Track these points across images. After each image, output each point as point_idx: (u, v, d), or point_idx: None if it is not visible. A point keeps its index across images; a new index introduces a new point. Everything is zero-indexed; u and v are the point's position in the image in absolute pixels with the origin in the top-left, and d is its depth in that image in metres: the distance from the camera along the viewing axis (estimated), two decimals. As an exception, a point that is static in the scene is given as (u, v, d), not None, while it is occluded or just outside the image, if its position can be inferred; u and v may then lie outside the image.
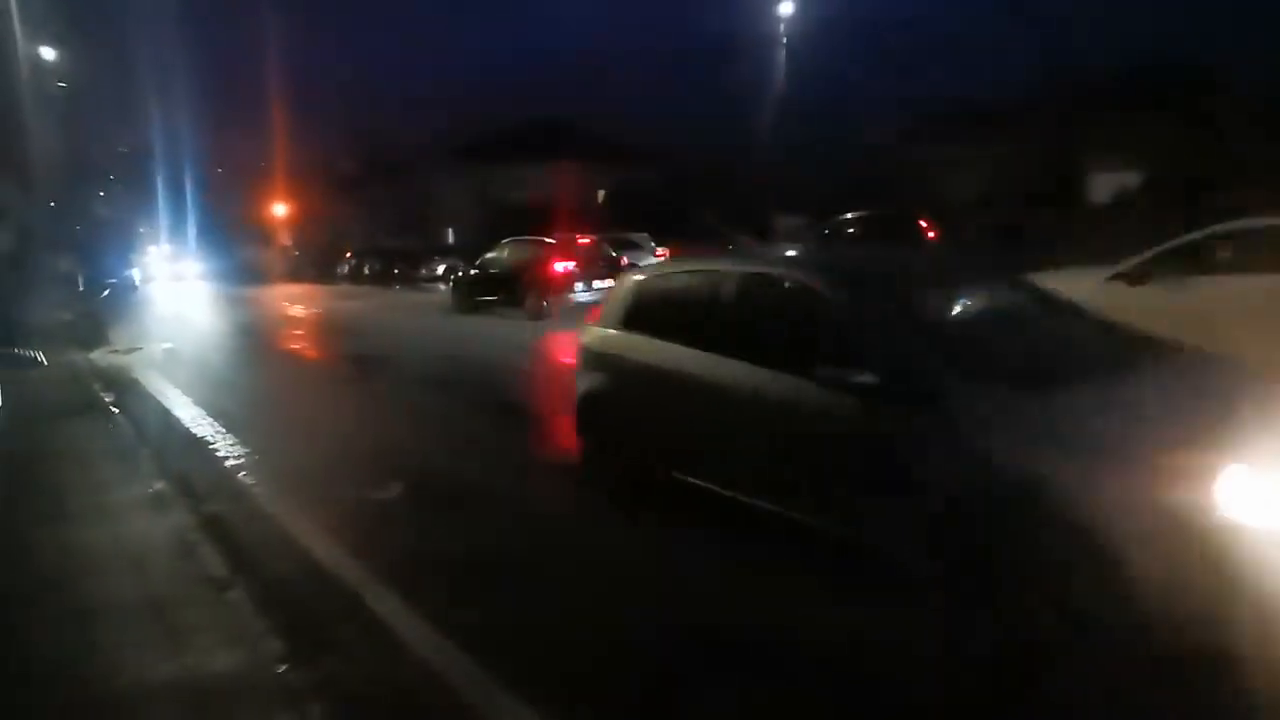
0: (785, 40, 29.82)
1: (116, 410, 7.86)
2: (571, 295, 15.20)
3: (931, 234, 22.37)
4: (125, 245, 35.87)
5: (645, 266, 6.70)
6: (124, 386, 9.43)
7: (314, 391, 9.69)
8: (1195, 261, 6.74)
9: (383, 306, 20.29)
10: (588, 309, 12.80)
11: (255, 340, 14.84)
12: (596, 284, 15.07)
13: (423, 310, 18.51)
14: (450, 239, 37.33)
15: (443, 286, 22.62)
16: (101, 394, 8.71)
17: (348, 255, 33.33)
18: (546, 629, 3.29)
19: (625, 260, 16.61)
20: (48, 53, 20.69)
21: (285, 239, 43.74)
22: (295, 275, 34.75)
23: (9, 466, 5.53)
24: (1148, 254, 7.04)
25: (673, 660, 3.05)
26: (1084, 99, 26.09)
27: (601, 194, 37.74)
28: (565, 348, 10.05)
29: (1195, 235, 6.96)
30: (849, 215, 24.11)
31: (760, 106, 30.72)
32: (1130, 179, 24.99)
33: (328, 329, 16.60)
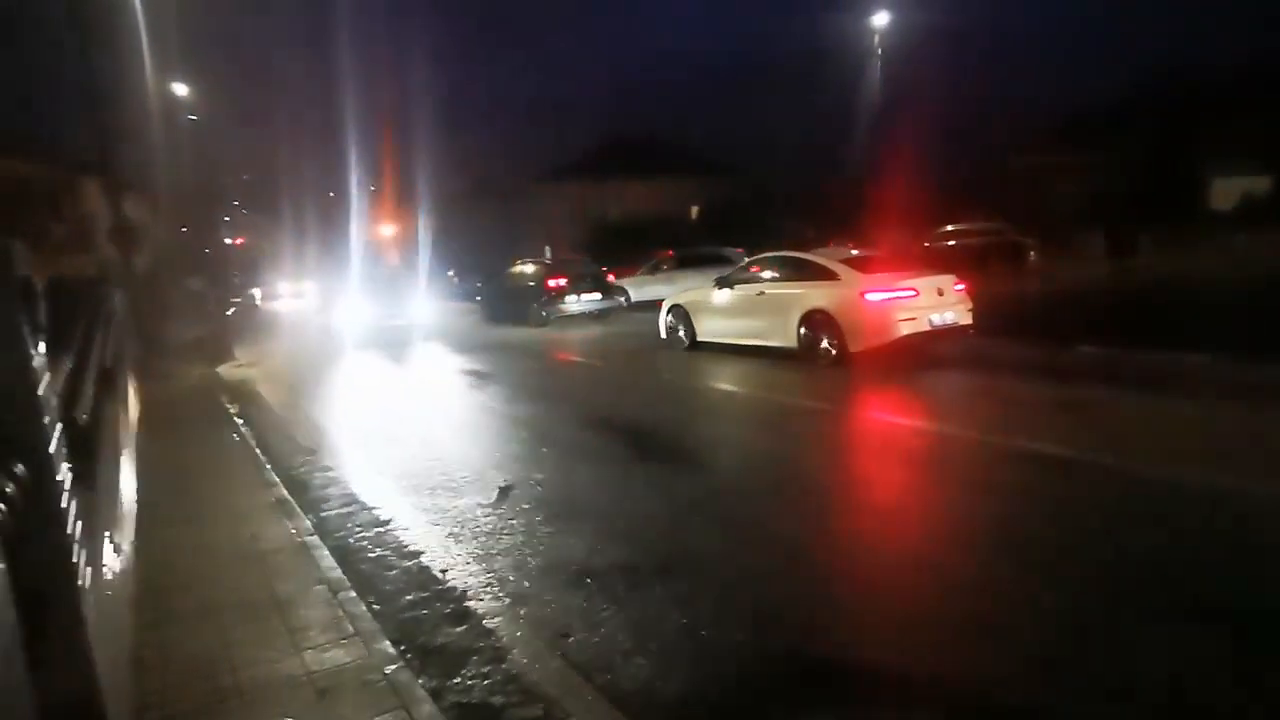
0: (880, 51, 29.32)
1: (240, 421, 8.37)
2: (563, 306, 18.25)
3: (1031, 251, 21.65)
4: (249, 266, 38.07)
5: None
6: (247, 398, 10.03)
7: (417, 399, 10.06)
8: (745, 273, 11.55)
9: (471, 321, 21.15)
10: (578, 318, 18.59)
11: (364, 353, 15.47)
12: (585, 297, 18.50)
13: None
14: (547, 255, 38.08)
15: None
16: (227, 405, 9.29)
17: (450, 274, 34.47)
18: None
19: (612, 276, 20.18)
20: (180, 88, 22.21)
21: (392, 258, 45.41)
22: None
23: (148, 472, 5.96)
24: (734, 270, 12.07)
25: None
26: (1204, 98, 24.60)
27: (695, 210, 37.94)
28: (563, 348, 14.32)
29: (746, 260, 12.41)
30: (949, 228, 23.49)
31: (855, 120, 30.28)
32: (1258, 184, 23.37)
33: (425, 339, 17.18)
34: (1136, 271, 19.42)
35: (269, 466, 6.34)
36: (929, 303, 9.53)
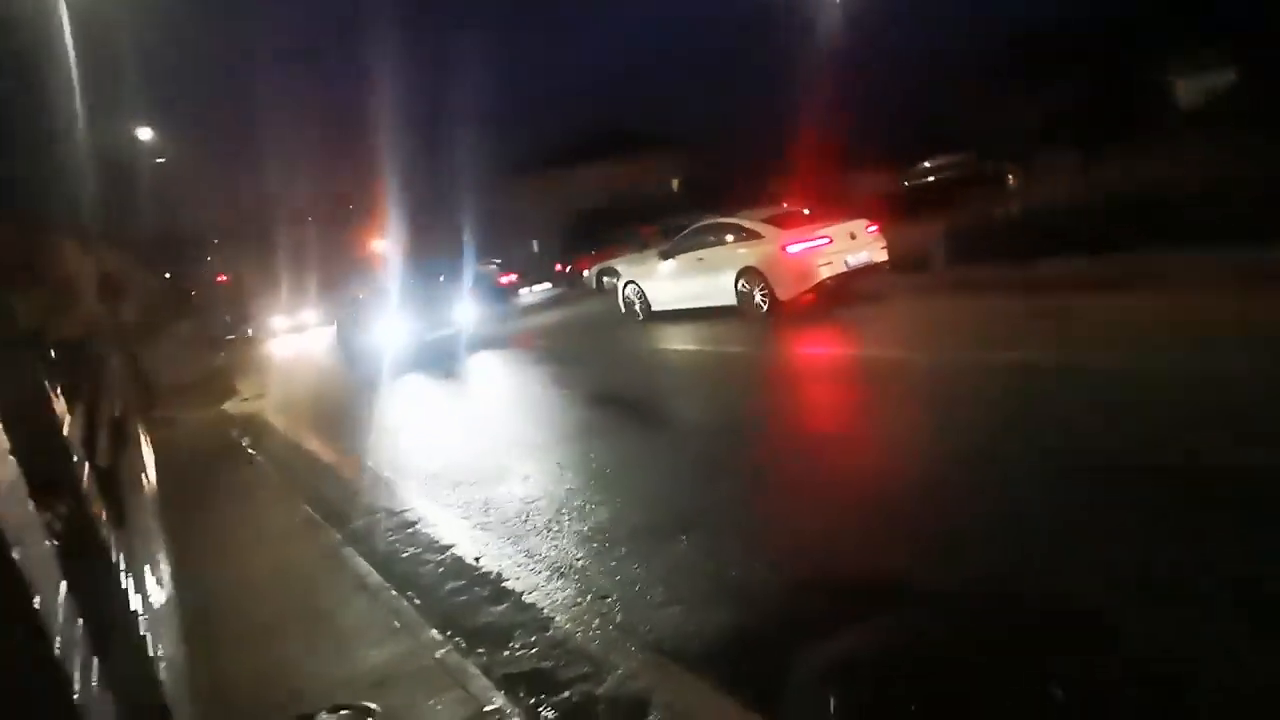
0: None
1: (254, 451, 8.47)
2: (516, 299, 20.74)
3: (1010, 176, 21.56)
4: (238, 303, 38.01)
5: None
6: (258, 429, 10.12)
7: (413, 407, 10.13)
8: (686, 244, 12.45)
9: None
10: (530, 308, 20.15)
11: (359, 372, 15.44)
12: (535, 288, 21.67)
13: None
14: (535, 249, 38.00)
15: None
16: (239, 439, 9.39)
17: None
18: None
19: (559, 265, 23.51)
20: (144, 132, 22.15)
21: (401, 267, 44.94)
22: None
23: (172, 509, 6.06)
24: (673, 241, 13.04)
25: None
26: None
27: (675, 183, 38.11)
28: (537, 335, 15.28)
29: (685, 230, 12.98)
30: (926, 164, 23.42)
31: (819, 69, 30.02)
32: (1221, 79, 23.05)
33: (414, 353, 17.20)
34: (1110, 183, 19.33)
35: (290, 489, 6.45)
36: (843, 246, 10.50)
